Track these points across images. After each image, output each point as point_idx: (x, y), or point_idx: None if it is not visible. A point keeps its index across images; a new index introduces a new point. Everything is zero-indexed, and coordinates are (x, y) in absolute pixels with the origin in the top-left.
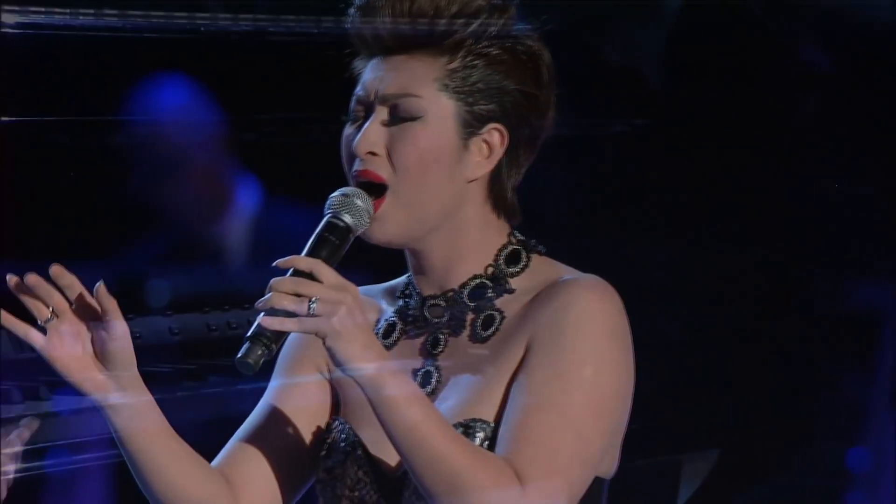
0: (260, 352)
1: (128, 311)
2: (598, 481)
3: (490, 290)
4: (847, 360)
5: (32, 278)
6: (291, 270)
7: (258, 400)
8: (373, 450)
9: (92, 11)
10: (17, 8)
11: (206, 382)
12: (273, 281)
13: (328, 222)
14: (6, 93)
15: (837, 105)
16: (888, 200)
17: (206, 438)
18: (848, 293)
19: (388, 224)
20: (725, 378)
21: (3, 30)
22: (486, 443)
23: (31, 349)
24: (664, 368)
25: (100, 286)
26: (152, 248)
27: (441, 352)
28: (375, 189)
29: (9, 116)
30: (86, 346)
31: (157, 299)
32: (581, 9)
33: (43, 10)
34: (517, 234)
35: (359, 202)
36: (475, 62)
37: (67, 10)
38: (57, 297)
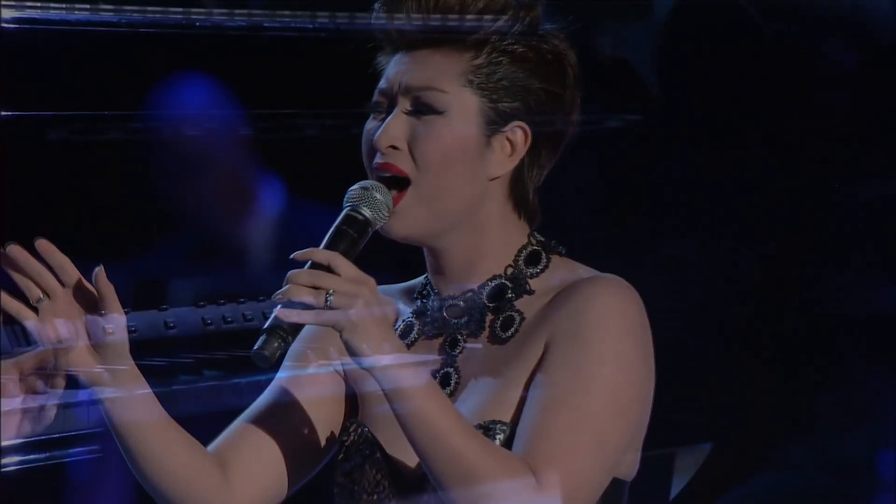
0: (276, 344)
1: (123, 305)
2: (617, 483)
3: (509, 291)
4: (843, 357)
5: (15, 249)
6: (309, 263)
7: (254, 394)
8: (391, 451)
9: (88, 7)
10: (13, 3)
11: (202, 376)
12: (290, 273)
13: (346, 215)
14: (2, 88)
15: (839, 102)
16: (891, 199)
17: (200, 432)
18: (844, 291)
19: (407, 219)
20: (720, 372)
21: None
22: (505, 445)
23: (29, 344)
24: (659, 362)
25: (98, 271)
26: (147, 243)
27: (460, 353)
28: (396, 183)
29: (4, 111)
30: (80, 335)
31: (152, 294)
32: (579, 6)
33: (39, 4)
34: (537, 235)
35: (378, 196)
36: (500, 59)
37: (63, 6)
38: (47, 276)
